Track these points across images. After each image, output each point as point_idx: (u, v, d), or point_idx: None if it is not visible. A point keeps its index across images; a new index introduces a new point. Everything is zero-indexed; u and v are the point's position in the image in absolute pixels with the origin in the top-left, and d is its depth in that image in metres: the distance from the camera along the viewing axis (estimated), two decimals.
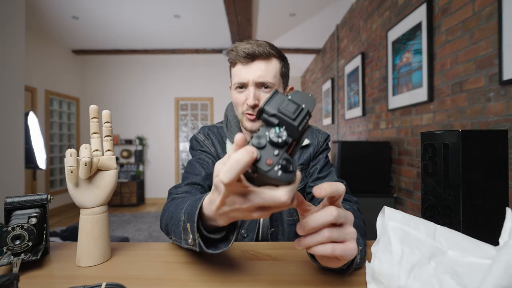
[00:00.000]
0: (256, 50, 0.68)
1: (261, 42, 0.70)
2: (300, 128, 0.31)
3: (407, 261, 0.37)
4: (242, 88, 0.72)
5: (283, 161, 0.30)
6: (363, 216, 0.67)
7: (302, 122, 0.32)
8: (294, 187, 0.31)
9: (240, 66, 0.71)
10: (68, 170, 0.49)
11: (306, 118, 0.32)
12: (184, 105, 5.45)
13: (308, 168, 0.81)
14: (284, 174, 0.30)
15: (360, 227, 0.57)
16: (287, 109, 0.32)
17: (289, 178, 0.30)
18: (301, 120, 0.31)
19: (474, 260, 0.35)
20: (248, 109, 0.70)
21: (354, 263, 0.46)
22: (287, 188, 0.30)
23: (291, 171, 0.30)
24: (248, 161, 0.28)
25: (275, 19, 3.62)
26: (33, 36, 4.04)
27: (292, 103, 0.32)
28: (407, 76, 1.96)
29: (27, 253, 0.50)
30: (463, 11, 1.45)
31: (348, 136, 3.31)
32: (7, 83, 1.73)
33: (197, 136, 0.82)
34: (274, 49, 0.71)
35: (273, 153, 0.30)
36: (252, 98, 0.69)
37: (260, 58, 0.69)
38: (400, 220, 0.41)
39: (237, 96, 0.72)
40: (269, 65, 0.70)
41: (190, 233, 0.43)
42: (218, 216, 0.38)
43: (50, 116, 4.44)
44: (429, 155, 1.04)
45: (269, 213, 0.34)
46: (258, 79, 0.69)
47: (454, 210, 0.83)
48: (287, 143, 0.31)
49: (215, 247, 0.43)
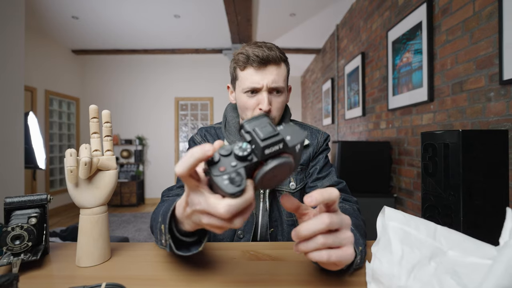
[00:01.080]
0: (270, 55, 0.68)
1: (270, 45, 0.71)
2: (265, 150, 0.32)
3: (407, 261, 0.37)
4: (253, 93, 0.71)
5: (235, 173, 0.31)
6: (363, 216, 0.66)
7: (270, 146, 0.32)
8: (238, 204, 0.31)
9: (251, 70, 0.70)
10: (68, 170, 0.49)
11: (278, 145, 0.32)
12: (184, 105, 5.45)
13: (308, 168, 0.80)
14: (229, 185, 0.31)
15: (360, 227, 0.57)
16: (261, 131, 0.33)
17: (232, 191, 0.31)
18: (270, 144, 0.32)
19: (474, 260, 0.35)
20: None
21: (354, 264, 0.46)
22: (229, 201, 0.31)
23: (238, 185, 0.31)
24: (199, 156, 0.31)
25: (275, 19, 3.62)
26: (33, 36, 4.04)
27: (271, 128, 0.33)
28: (407, 76, 1.96)
29: (26, 253, 0.50)
30: (463, 11, 1.45)
31: (348, 136, 3.31)
32: (7, 83, 1.73)
33: (194, 138, 0.82)
34: (282, 52, 0.72)
35: (231, 163, 0.32)
36: (267, 103, 0.69)
37: (272, 63, 0.70)
38: (400, 220, 0.41)
39: (246, 100, 0.72)
40: (280, 69, 0.71)
41: (163, 234, 0.44)
42: (184, 218, 0.39)
43: (50, 116, 4.44)
44: (429, 155, 1.04)
45: (217, 226, 0.34)
46: (271, 85, 0.70)
47: (454, 210, 0.83)
48: (249, 160, 0.32)
49: (187, 249, 0.44)
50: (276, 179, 0.35)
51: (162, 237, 0.45)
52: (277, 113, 0.73)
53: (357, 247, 0.47)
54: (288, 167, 0.34)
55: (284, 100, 0.74)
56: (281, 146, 0.33)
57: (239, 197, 0.32)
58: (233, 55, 0.75)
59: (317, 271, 0.48)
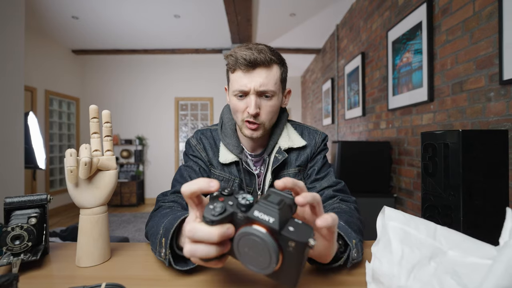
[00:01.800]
0: (258, 57, 0.66)
1: (261, 47, 0.68)
2: (255, 212, 0.34)
3: (407, 261, 0.37)
4: (242, 96, 0.70)
5: (220, 207, 0.34)
6: (360, 216, 0.66)
7: (262, 210, 0.33)
8: (203, 231, 0.34)
9: (240, 73, 0.68)
10: (68, 170, 0.49)
11: (270, 216, 0.33)
12: (184, 105, 5.45)
13: (306, 169, 0.79)
14: (208, 210, 0.34)
15: (353, 223, 0.57)
16: (268, 200, 0.34)
17: (206, 215, 0.34)
18: (263, 207, 0.34)
19: (474, 260, 0.35)
20: (249, 117, 0.69)
21: (351, 258, 0.46)
22: (199, 225, 0.34)
23: (213, 215, 0.34)
24: (202, 185, 0.35)
25: (275, 19, 3.62)
26: (33, 36, 4.04)
27: (273, 205, 0.34)
28: (407, 76, 1.96)
29: (26, 253, 0.50)
30: (463, 11, 1.45)
31: (348, 136, 3.31)
32: (7, 83, 1.73)
33: (190, 141, 0.82)
34: (274, 54, 0.69)
35: (228, 202, 0.35)
36: (254, 107, 0.67)
37: (261, 66, 0.67)
38: (400, 220, 0.41)
39: (236, 103, 0.71)
40: (270, 72, 0.68)
41: (163, 247, 0.47)
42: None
43: (50, 116, 4.44)
44: (429, 155, 1.04)
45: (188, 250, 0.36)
46: (259, 88, 0.67)
47: (454, 210, 0.83)
48: (242, 210, 0.34)
49: (185, 263, 0.48)
50: (251, 256, 0.34)
51: (162, 250, 0.48)
52: (267, 117, 0.71)
53: (349, 240, 0.48)
54: (262, 247, 0.32)
55: (275, 104, 0.71)
56: (272, 221, 0.32)
57: (209, 225, 0.34)
58: (223, 56, 0.73)
59: (317, 271, 0.48)
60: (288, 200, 0.35)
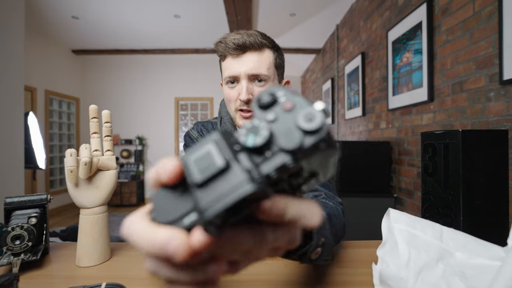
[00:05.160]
0: (247, 40, 0.63)
1: (251, 32, 0.65)
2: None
3: (415, 263, 0.36)
4: (233, 82, 0.66)
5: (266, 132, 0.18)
6: (345, 219, 0.57)
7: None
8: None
9: (230, 59, 0.66)
10: (68, 170, 0.49)
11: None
12: (184, 105, 5.45)
13: None
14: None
15: (331, 221, 0.47)
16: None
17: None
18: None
19: (482, 261, 0.34)
20: (242, 105, 0.66)
21: (309, 252, 0.36)
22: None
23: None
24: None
25: (275, 19, 3.62)
26: (33, 36, 4.04)
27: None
28: (407, 76, 1.96)
29: (26, 253, 0.50)
30: (463, 11, 1.45)
31: (348, 136, 3.31)
32: (7, 83, 1.73)
33: (190, 133, 0.79)
34: (266, 38, 0.66)
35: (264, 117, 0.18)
36: (245, 92, 0.63)
37: (251, 49, 0.64)
38: (406, 222, 0.40)
39: (228, 92, 0.68)
40: (262, 56, 0.65)
41: None
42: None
43: (50, 116, 4.44)
44: (429, 155, 1.04)
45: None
46: (250, 71, 0.64)
47: (454, 210, 0.83)
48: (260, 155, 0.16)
49: None
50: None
51: None
52: None
53: (317, 235, 0.37)
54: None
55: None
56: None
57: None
58: (214, 45, 0.70)
59: (318, 272, 0.48)
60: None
